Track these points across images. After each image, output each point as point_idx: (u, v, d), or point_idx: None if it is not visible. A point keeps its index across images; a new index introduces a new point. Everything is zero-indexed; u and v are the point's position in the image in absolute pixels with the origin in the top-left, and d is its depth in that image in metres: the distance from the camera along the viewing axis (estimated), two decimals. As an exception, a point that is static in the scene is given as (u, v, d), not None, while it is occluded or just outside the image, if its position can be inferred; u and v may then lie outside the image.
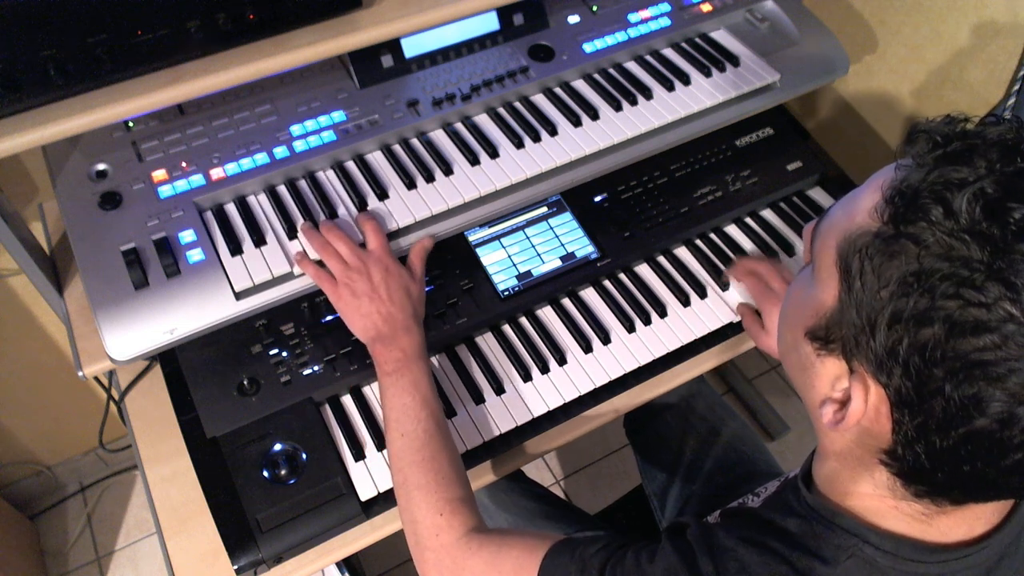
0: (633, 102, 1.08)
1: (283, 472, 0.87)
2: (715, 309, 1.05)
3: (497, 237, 1.07)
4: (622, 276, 1.08)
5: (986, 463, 0.49)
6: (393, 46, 1.04)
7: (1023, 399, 0.46)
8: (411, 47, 1.05)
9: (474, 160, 1.01)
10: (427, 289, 1.02)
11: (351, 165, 1.01)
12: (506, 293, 1.03)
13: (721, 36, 1.18)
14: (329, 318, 0.98)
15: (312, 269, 0.90)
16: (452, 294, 1.02)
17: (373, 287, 0.88)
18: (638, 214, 1.11)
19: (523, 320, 1.04)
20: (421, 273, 0.95)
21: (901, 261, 0.48)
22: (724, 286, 1.06)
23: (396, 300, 0.88)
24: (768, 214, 1.18)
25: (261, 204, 0.97)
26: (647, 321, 1.03)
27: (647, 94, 1.08)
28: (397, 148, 1.03)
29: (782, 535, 0.61)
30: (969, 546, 0.57)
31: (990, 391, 0.46)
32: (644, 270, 1.09)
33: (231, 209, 0.96)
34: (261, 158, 0.97)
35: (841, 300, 0.53)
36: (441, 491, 0.78)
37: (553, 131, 1.04)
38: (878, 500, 0.58)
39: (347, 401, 0.96)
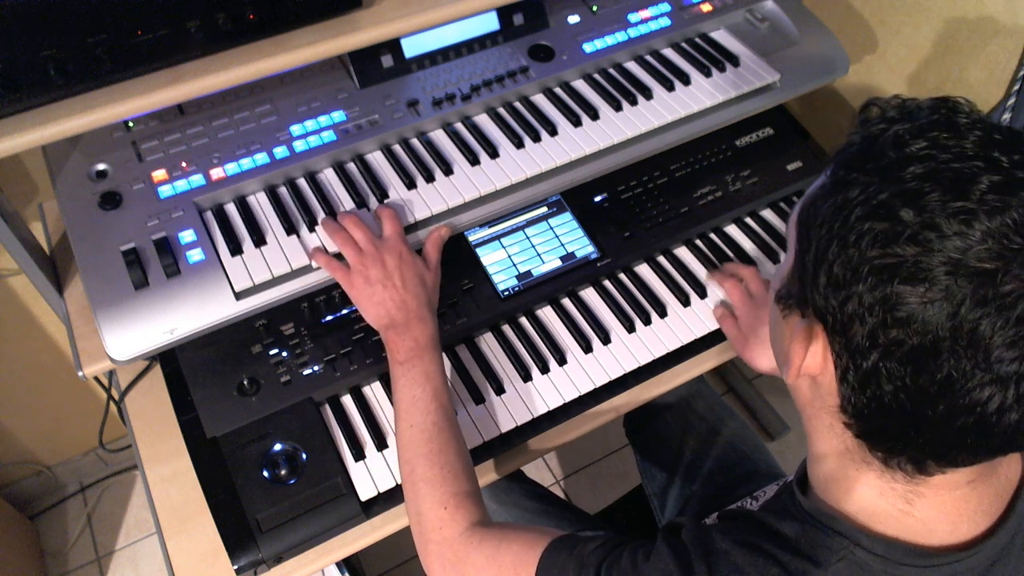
0: (633, 102, 1.08)
1: (283, 472, 0.87)
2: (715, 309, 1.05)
3: (497, 237, 1.07)
4: (622, 276, 1.08)
5: (950, 405, 0.49)
6: (393, 46, 1.04)
7: (936, 301, 0.46)
8: (411, 47, 1.05)
9: (474, 160, 1.01)
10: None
11: (351, 165, 1.01)
12: (506, 293, 1.03)
13: (721, 36, 1.18)
14: (329, 318, 0.98)
15: (325, 260, 0.90)
16: (452, 294, 1.02)
17: (387, 274, 0.88)
18: (638, 214, 1.11)
19: (523, 320, 1.04)
20: (436, 262, 0.95)
21: (834, 200, 0.52)
22: (702, 295, 1.06)
23: (410, 288, 0.88)
24: (768, 214, 1.18)
25: (261, 204, 0.97)
26: (647, 321, 1.03)
27: (647, 94, 1.08)
28: (397, 148, 1.03)
29: (777, 538, 0.61)
30: (960, 551, 0.57)
31: (903, 290, 0.47)
32: (644, 270, 1.09)
33: (231, 209, 0.96)
34: (261, 158, 0.97)
35: (797, 254, 0.56)
36: (447, 485, 0.79)
37: (553, 131, 1.04)
38: (864, 486, 0.58)
39: (347, 401, 0.96)
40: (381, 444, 0.92)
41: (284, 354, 0.95)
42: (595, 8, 1.16)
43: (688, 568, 0.61)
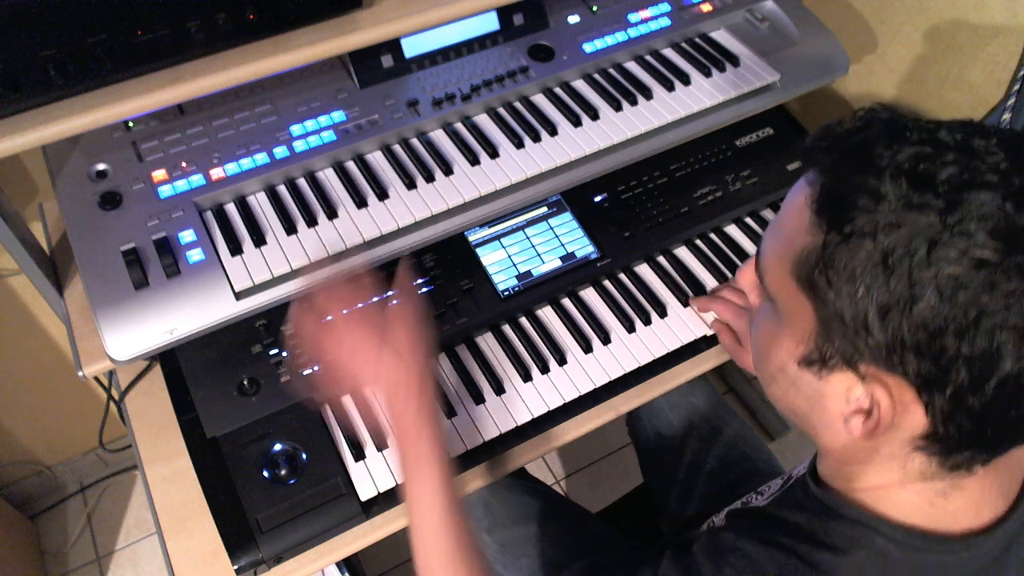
0: (633, 102, 1.08)
1: (283, 472, 0.87)
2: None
3: (497, 237, 1.07)
4: (622, 276, 1.08)
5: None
6: (393, 46, 1.04)
7: None
8: (411, 47, 1.05)
9: (474, 160, 1.01)
10: (427, 289, 1.02)
11: (351, 165, 1.01)
12: (506, 293, 1.03)
13: (721, 36, 1.18)
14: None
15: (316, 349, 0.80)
16: (452, 294, 1.02)
17: (373, 346, 0.78)
18: (638, 214, 1.11)
19: (523, 320, 1.04)
20: (410, 289, 0.86)
21: (863, 255, 0.49)
22: (685, 304, 1.05)
23: (403, 350, 0.78)
24: (768, 214, 1.18)
25: (261, 204, 0.97)
26: (647, 321, 1.03)
27: (647, 94, 1.08)
28: (397, 148, 1.03)
29: (790, 529, 0.61)
30: (977, 535, 0.57)
31: (1000, 334, 0.47)
32: (644, 270, 1.09)
33: (231, 209, 0.96)
34: (261, 158, 0.97)
35: (821, 318, 0.53)
36: None
37: (553, 131, 1.04)
38: (898, 488, 0.57)
39: (347, 401, 0.96)
40: (381, 444, 0.92)
41: (284, 354, 0.95)
42: (595, 8, 1.16)
43: (696, 574, 0.61)
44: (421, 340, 0.79)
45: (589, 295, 1.06)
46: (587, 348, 1.00)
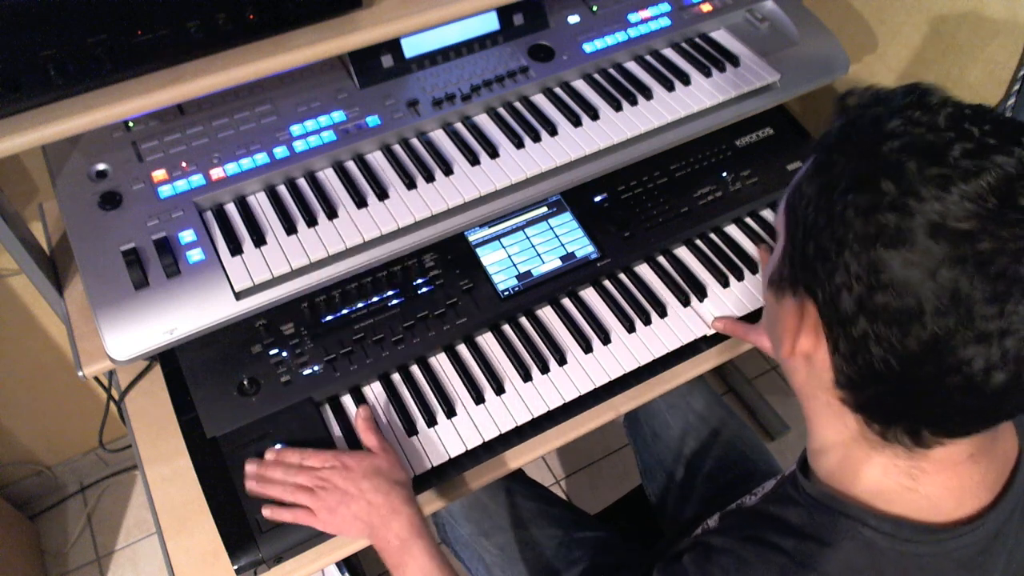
0: (633, 102, 1.08)
1: (283, 472, 0.87)
2: (715, 309, 1.05)
3: (497, 237, 1.07)
4: (622, 276, 1.08)
5: (937, 370, 0.50)
6: (393, 46, 1.04)
7: (927, 266, 0.47)
8: (411, 47, 1.05)
9: (474, 160, 1.01)
10: (427, 289, 1.02)
11: (351, 165, 1.01)
12: (506, 293, 1.03)
13: (721, 36, 1.18)
14: (329, 318, 0.98)
15: (291, 515, 0.83)
16: (452, 294, 1.02)
17: (342, 493, 0.82)
18: (638, 214, 1.11)
19: (523, 320, 1.04)
20: (379, 443, 0.88)
21: (818, 181, 0.54)
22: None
23: (367, 488, 0.83)
24: (768, 214, 1.18)
25: (261, 204, 0.97)
26: (647, 321, 1.03)
27: (647, 94, 1.08)
28: (397, 148, 1.03)
29: (780, 526, 0.61)
30: (962, 525, 0.58)
31: (885, 254, 0.49)
32: (644, 270, 1.09)
33: (231, 209, 0.96)
34: (261, 158, 0.97)
35: (787, 238, 0.58)
36: None
37: (553, 131, 1.04)
38: (864, 464, 0.59)
39: (347, 401, 0.96)
40: (381, 444, 0.92)
41: (284, 354, 0.95)
42: (595, 8, 1.16)
43: None
44: (380, 476, 0.83)
45: (589, 295, 1.06)
46: (587, 348, 1.00)
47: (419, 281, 1.03)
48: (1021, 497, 0.61)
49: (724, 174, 1.17)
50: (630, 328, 1.02)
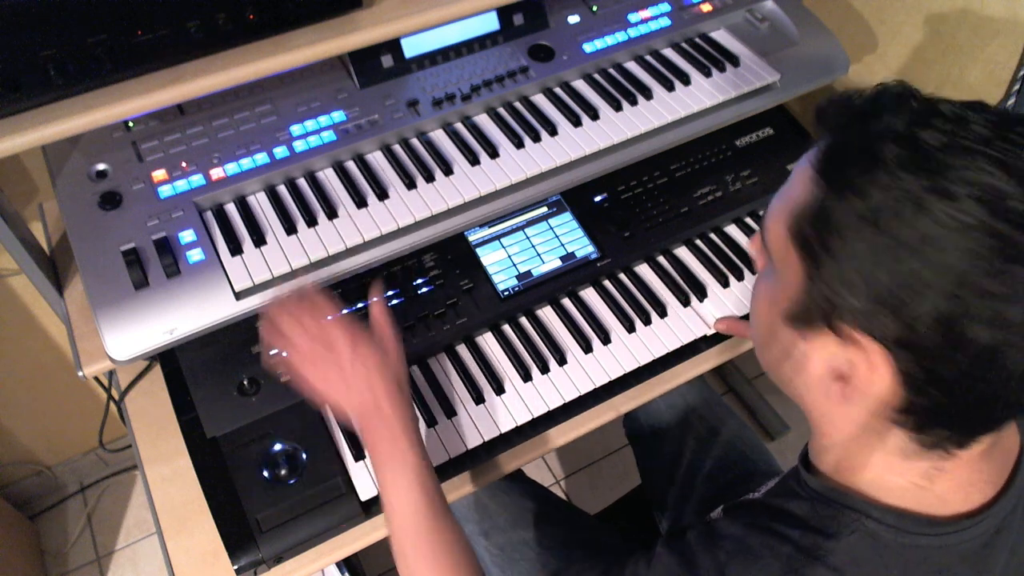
0: (633, 102, 1.08)
1: (283, 472, 0.87)
2: (715, 309, 1.05)
3: (497, 237, 1.07)
4: (622, 276, 1.08)
5: (997, 370, 0.49)
6: (393, 46, 1.04)
7: (1007, 298, 0.47)
8: (411, 47, 1.05)
9: (474, 160, 1.01)
10: (427, 289, 1.02)
11: (351, 165, 1.01)
12: (506, 293, 1.03)
13: (721, 36, 1.18)
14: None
15: (283, 363, 0.82)
16: (452, 294, 1.02)
17: (342, 369, 0.79)
18: (638, 214, 1.11)
19: (523, 320, 1.04)
20: (390, 332, 0.84)
21: (853, 213, 0.50)
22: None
23: (373, 375, 0.79)
24: (768, 214, 1.18)
25: (261, 204, 0.97)
26: (647, 321, 1.03)
27: (647, 94, 1.08)
28: (397, 148, 1.03)
29: (785, 517, 0.61)
30: (965, 519, 0.58)
31: (977, 302, 0.47)
32: (644, 270, 1.09)
33: (231, 209, 0.96)
34: (261, 158, 0.97)
35: (807, 272, 0.54)
36: None
37: (553, 131, 1.04)
38: (883, 469, 0.58)
39: (347, 401, 0.96)
40: (381, 444, 0.92)
41: (284, 354, 0.95)
42: (595, 8, 1.16)
43: (692, 564, 0.61)
44: (386, 363, 0.80)
45: (589, 295, 1.06)
46: (587, 348, 1.00)
47: (419, 281, 1.03)
48: (1023, 492, 0.61)
49: (724, 174, 1.17)
50: (630, 328, 1.02)
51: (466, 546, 0.78)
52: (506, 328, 1.03)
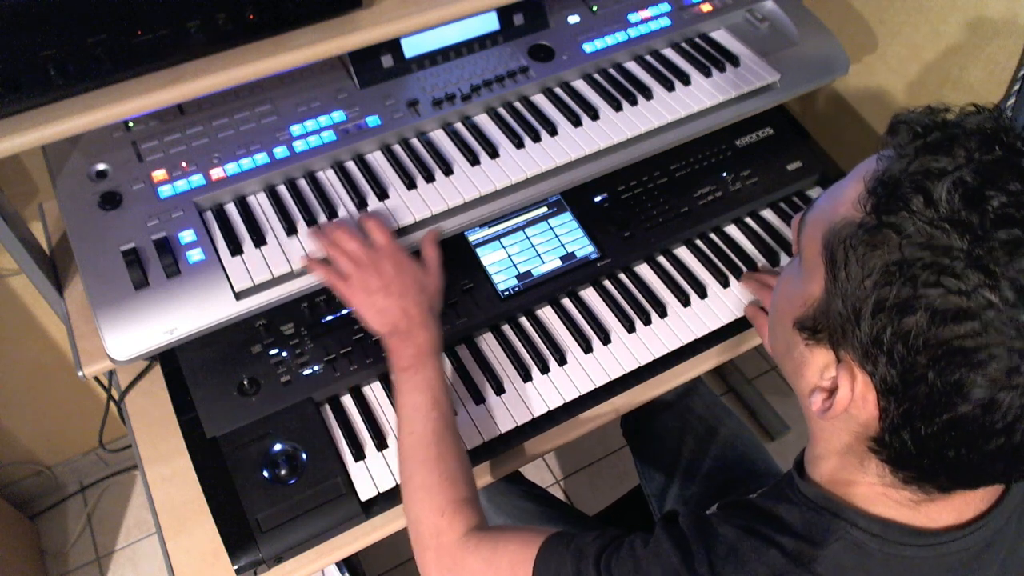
0: (633, 102, 1.08)
1: (283, 472, 0.87)
2: (715, 309, 1.05)
3: (497, 237, 1.08)
4: (622, 276, 1.08)
5: (970, 448, 0.50)
6: (393, 46, 1.04)
7: (1004, 385, 0.46)
8: (411, 47, 1.05)
9: (474, 160, 1.01)
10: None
11: (351, 165, 1.01)
12: (506, 293, 1.03)
13: (721, 36, 1.18)
14: (329, 318, 0.98)
15: (322, 270, 0.89)
16: (452, 294, 1.02)
17: (386, 283, 0.86)
18: (638, 214, 1.11)
19: (523, 320, 1.04)
20: (436, 264, 0.93)
21: (884, 251, 0.49)
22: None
23: (410, 294, 0.87)
24: (768, 214, 1.18)
25: (261, 204, 0.97)
26: (647, 321, 1.03)
27: (647, 94, 1.08)
28: (397, 148, 1.03)
29: (774, 521, 0.61)
30: (957, 530, 0.58)
31: (972, 377, 0.47)
32: (644, 270, 1.09)
33: (231, 209, 0.96)
34: (261, 158, 0.97)
35: (827, 290, 0.54)
36: (445, 492, 0.79)
37: (553, 131, 1.04)
38: (868, 487, 0.59)
39: (347, 401, 0.96)
40: (381, 444, 0.92)
41: (284, 354, 0.95)
42: (595, 8, 1.16)
43: (687, 551, 0.61)
44: (423, 292, 0.88)
45: (589, 295, 1.06)
46: (587, 348, 1.00)
47: (419, 281, 1.03)
48: (1017, 506, 0.61)
49: (724, 174, 1.17)
50: (630, 328, 1.02)
51: (466, 461, 0.83)
52: (506, 328, 1.03)
